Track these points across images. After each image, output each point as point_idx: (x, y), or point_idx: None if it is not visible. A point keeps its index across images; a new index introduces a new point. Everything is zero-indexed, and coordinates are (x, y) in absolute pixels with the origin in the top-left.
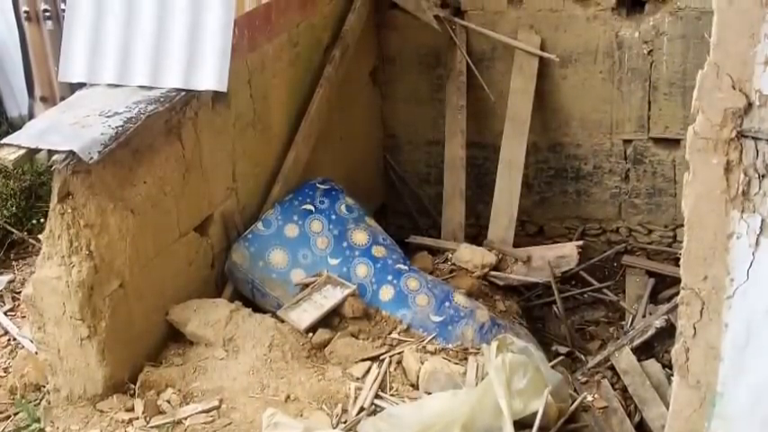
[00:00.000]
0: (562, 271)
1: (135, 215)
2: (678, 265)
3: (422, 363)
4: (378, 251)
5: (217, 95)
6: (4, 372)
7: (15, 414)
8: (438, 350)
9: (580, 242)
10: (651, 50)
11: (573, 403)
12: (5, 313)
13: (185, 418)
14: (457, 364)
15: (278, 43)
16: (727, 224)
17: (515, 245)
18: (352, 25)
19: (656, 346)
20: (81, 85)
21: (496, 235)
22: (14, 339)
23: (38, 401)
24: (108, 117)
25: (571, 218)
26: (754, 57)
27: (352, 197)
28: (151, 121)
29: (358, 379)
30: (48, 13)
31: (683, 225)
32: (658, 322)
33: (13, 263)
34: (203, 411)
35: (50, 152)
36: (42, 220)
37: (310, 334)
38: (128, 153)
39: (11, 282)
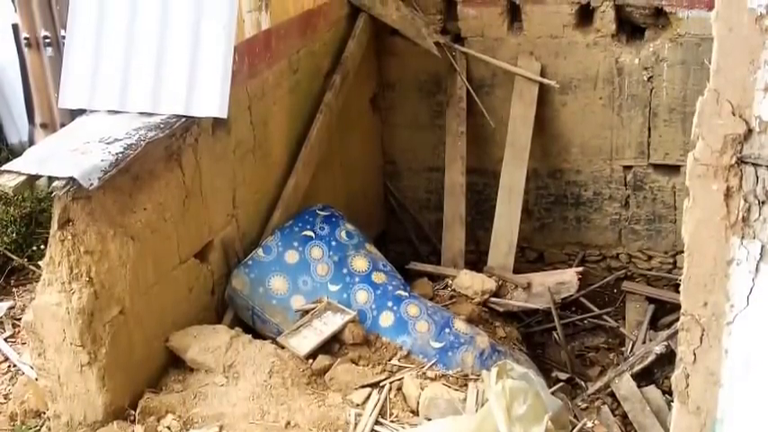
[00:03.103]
0: (562, 297)
1: (135, 241)
2: (678, 292)
3: (422, 389)
4: (378, 277)
5: (217, 122)
6: (5, 398)
7: None
8: (438, 376)
9: (580, 268)
10: (651, 77)
11: (573, 429)
12: (6, 340)
13: None
14: (457, 390)
15: (278, 70)
16: (727, 250)
17: (515, 271)
18: (353, 52)
19: (656, 373)
20: (81, 112)
21: (496, 261)
22: (14, 366)
23: (38, 428)
24: (108, 143)
25: (571, 244)
26: (754, 83)
27: (353, 223)
28: (151, 147)
29: (358, 405)
30: (48, 40)
31: (682, 251)
32: (658, 348)
33: (14, 289)
34: None
35: (50, 179)
36: (42, 246)
37: (310, 360)
38: (128, 179)
39: (11, 308)
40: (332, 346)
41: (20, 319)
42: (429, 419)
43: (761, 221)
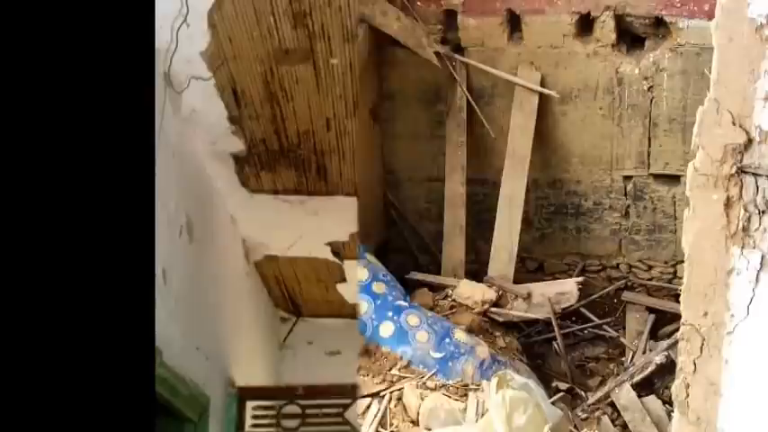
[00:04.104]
0: (562, 307)
1: None
2: (678, 302)
3: (422, 399)
4: (378, 287)
5: None
6: None
7: None
8: (438, 386)
9: (580, 278)
10: (651, 87)
11: None
12: None
13: None
14: (457, 400)
15: None
16: (728, 260)
17: (515, 281)
18: None
19: (656, 383)
20: None
21: (497, 271)
22: None
23: None
24: None
25: (571, 254)
26: (754, 93)
27: None
28: None
29: (359, 415)
30: None
31: (683, 261)
32: (658, 358)
33: None
34: None
35: None
36: None
37: None
38: None
39: None
40: None
41: None
42: (429, 429)
43: (761, 231)
